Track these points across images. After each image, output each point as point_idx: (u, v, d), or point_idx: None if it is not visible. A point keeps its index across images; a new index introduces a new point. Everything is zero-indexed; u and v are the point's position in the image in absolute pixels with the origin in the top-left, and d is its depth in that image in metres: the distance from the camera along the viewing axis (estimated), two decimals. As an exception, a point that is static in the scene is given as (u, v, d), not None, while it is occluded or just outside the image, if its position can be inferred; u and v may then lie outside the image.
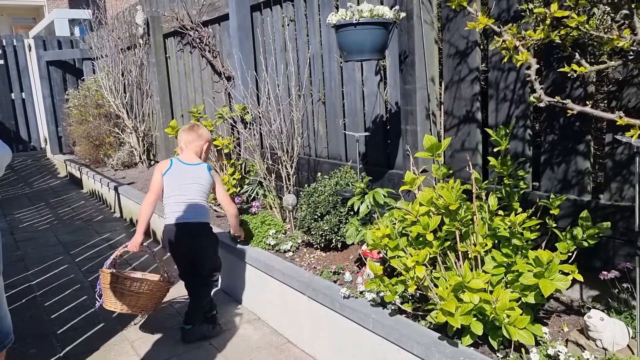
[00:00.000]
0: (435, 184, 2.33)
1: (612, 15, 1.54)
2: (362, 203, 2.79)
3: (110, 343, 2.90)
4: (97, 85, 7.15)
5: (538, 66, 1.62)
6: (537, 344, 1.89)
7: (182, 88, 5.90)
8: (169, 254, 3.00)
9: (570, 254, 2.04)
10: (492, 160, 2.28)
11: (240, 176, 4.14)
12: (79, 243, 4.79)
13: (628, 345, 1.85)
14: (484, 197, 2.28)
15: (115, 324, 3.10)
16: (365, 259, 2.55)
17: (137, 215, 5.14)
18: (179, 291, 3.32)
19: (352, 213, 2.97)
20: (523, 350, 1.89)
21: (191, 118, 4.38)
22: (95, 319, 3.18)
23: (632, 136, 1.53)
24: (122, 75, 6.84)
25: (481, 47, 2.61)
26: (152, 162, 6.92)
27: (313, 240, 3.08)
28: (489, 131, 2.29)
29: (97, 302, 2.93)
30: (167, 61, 6.06)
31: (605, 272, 2.02)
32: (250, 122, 3.94)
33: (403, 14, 2.58)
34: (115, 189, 5.63)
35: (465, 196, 2.19)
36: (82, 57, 8.71)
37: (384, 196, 2.65)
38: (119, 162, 6.92)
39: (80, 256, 4.41)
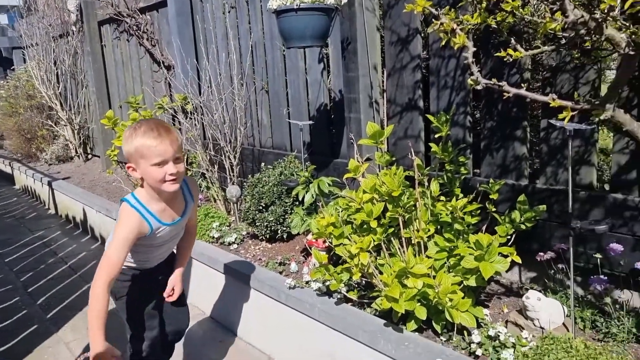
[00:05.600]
0: (379, 172, 2.33)
1: (546, 2, 1.57)
2: (307, 192, 2.76)
3: (45, 345, 2.75)
4: (28, 75, 6.77)
5: (475, 49, 1.64)
6: (479, 326, 1.93)
7: (119, 78, 5.66)
8: None
9: (509, 237, 2.09)
10: (434, 147, 2.30)
11: (182, 168, 4.02)
12: (10, 242, 4.52)
13: (563, 324, 1.91)
14: (426, 184, 2.30)
15: (49, 325, 2.95)
16: (311, 248, 2.53)
17: (73, 212, 4.92)
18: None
19: (297, 203, 2.94)
20: (465, 332, 1.92)
21: (129, 109, 4.20)
22: (29, 321, 3.01)
23: (564, 119, 1.57)
24: (55, 64, 6.50)
25: (422, 34, 2.62)
26: (90, 156, 6.63)
27: (258, 231, 3.02)
28: (430, 118, 2.30)
29: None
30: (102, 50, 5.80)
31: (541, 254, 2.09)
32: (191, 112, 3.83)
33: (345, 0, 2.55)
34: (49, 184, 5.35)
35: (408, 183, 2.20)
36: (11, 45, 8.23)
37: (329, 185, 2.62)
38: (54, 157, 6.58)
39: (11, 256, 4.17)
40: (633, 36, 1.49)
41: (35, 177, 5.85)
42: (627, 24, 1.53)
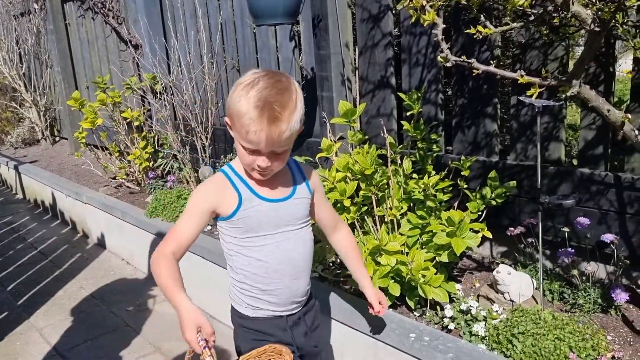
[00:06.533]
0: (352, 150, 2.33)
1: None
2: (280, 172, 2.74)
3: (17, 332, 2.70)
4: (-12, 55, 6.51)
5: (445, 26, 1.63)
6: (451, 300, 1.96)
7: (85, 57, 5.49)
8: None
9: (480, 213, 2.12)
10: (406, 125, 2.30)
11: (153, 150, 3.95)
12: (-24, 228, 4.40)
13: (533, 296, 1.96)
14: (399, 162, 2.31)
15: (20, 311, 2.89)
16: (285, 228, 2.52)
17: (41, 196, 4.80)
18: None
19: (270, 183, 2.92)
20: (438, 307, 1.95)
21: (96, 89, 4.10)
22: (-2, 309, 2.96)
23: (532, 95, 1.59)
24: (17, 44, 6.26)
25: (393, 11, 2.60)
26: (57, 139, 6.46)
27: (232, 212, 3.00)
28: (402, 95, 2.30)
29: None
30: (67, 28, 5.60)
31: (512, 229, 2.13)
32: (160, 93, 3.74)
33: (315, -23, 2.51)
34: (16, 168, 5.20)
35: (381, 161, 2.20)
36: (-31, 24, 7.85)
37: (302, 164, 2.61)
38: (19, 140, 6.39)
39: (-22, 242, 4.06)
40: (599, 12, 1.50)
41: (1, 161, 5.68)
42: (593, 1, 1.54)
